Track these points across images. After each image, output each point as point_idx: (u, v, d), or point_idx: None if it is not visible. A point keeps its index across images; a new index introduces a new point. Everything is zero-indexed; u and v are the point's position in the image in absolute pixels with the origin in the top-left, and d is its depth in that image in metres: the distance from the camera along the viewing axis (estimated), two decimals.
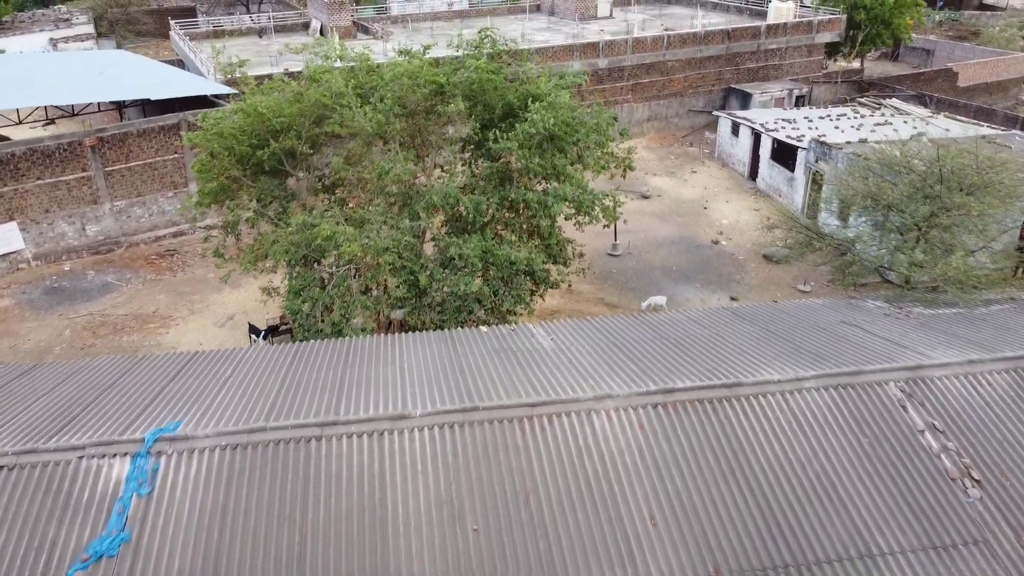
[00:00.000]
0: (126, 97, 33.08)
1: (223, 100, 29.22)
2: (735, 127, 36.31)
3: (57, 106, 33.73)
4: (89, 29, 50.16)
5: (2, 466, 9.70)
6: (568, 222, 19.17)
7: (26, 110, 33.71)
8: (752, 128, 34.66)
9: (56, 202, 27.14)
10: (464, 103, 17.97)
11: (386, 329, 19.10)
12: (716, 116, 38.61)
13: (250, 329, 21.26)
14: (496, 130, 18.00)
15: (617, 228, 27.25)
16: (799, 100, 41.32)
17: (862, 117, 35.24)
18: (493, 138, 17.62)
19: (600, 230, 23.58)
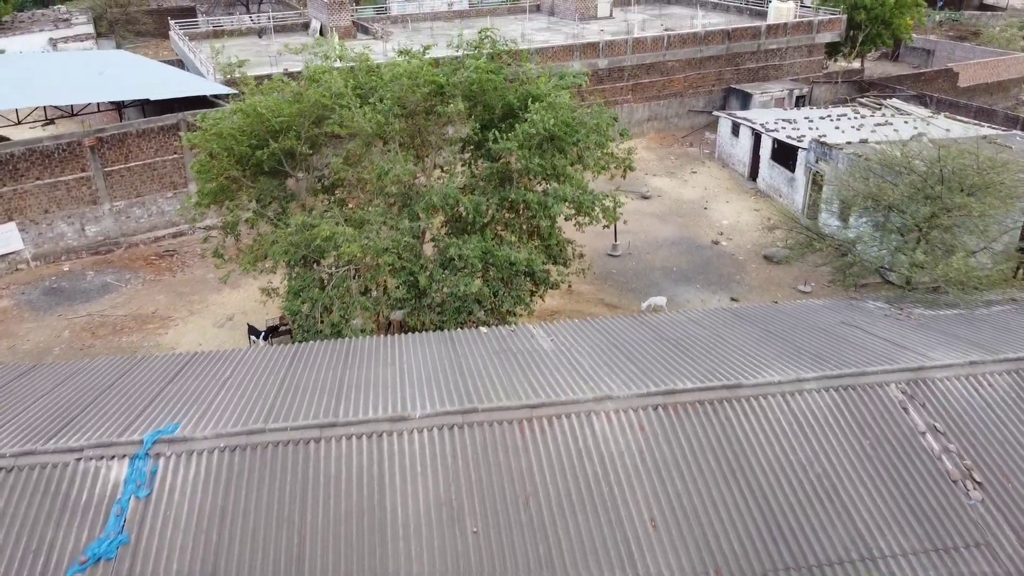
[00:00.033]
0: (125, 97, 33.05)
1: (222, 100, 29.19)
2: (735, 127, 36.28)
3: (56, 106, 33.69)
4: (89, 29, 50.15)
5: (0, 468, 9.66)
6: (568, 223, 19.13)
7: (25, 110, 33.68)
8: (752, 128, 34.63)
9: (55, 202, 27.11)
10: (464, 103, 17.94)
11: (386, 330, 19.07)
12: (716, 116, 38.58)
13: (249, 330, 21.24)
14: (496, 130, 17.96)
15: (617, 229, 27.21)
16: (799, 100, 41.30)
17: (862, 117, 35.21)
18: (493, 138, 17.58)
19: (600, 231, 23.54)
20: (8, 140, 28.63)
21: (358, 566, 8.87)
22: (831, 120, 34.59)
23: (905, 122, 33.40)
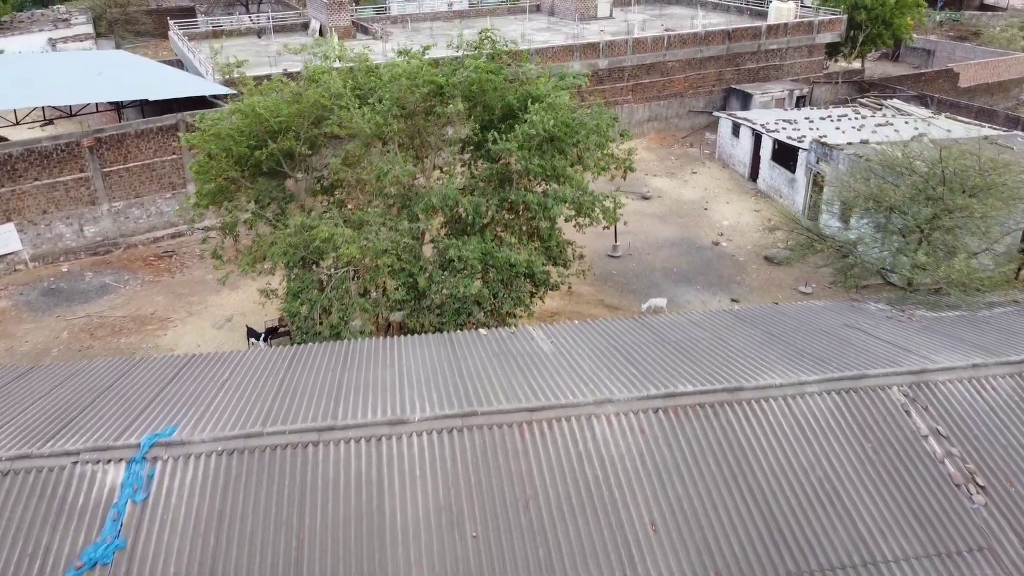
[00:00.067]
0: (124, 97, 32.98)
1: (222, 101, 29.11)
2: (736, 128, 36.22)
3: (55, 106, 33.60)
4: (88, 29, 50.08)
5: None
6: (568, 224, 19.07)
7: (24, 110, 33.60)
8: (753, 129, 34.57)
9: (54, 203, 27.04)
10: (463, 104, 17.88)
11: (385, 332, 19.00)
12: (716, 117, 38.52)
13: (248, 333, 21.17)
14: (496, 131, 17.91)
15: (617, 229, 27.15)
16: (800, 101, 41.24)
17: (863, 118, 35.14)
18: (493, 139, 17.52)
19: (600, 231, 23.48)
20: (7, 140, 28.56)
21: (357, 570, 8.81)
22: (831, 120, 34.53)
23: (906, 122, 33.33)
